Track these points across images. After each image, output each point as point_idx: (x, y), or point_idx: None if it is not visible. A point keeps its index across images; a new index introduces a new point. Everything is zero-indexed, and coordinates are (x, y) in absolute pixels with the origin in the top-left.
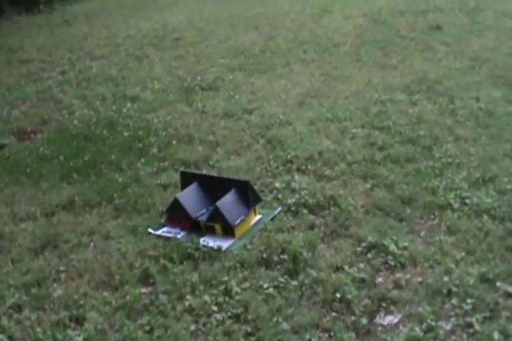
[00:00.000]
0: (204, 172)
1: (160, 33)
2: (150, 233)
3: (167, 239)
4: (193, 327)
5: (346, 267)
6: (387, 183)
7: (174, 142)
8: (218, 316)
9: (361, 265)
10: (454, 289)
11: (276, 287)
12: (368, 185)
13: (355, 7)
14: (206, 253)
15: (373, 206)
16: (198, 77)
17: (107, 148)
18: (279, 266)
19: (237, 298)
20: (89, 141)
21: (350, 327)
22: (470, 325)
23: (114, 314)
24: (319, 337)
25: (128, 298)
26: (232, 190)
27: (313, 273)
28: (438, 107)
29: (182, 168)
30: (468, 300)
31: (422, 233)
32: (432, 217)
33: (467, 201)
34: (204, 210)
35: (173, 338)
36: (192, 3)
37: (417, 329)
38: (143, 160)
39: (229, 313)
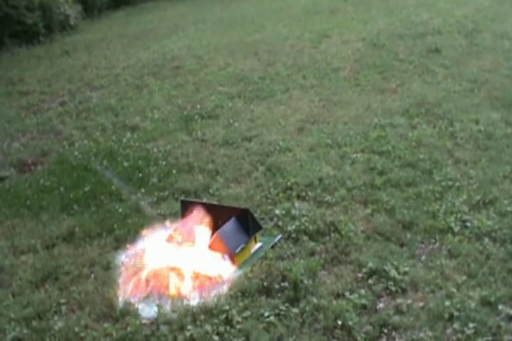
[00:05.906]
0: (204, 200)
1: (159, 61)
2: None
3: None
4: None
5: (347, 293)
6: (388, 208)
7: (174, 171)
8: None
9: (362, 291)
10: (456, 313)
11: (277, 315)
12: (368, 210)
13: (354, 31)
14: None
15: (374, 231)
16: (198, 106)
17: (106, 179)
18: (279, 294)
19: (238, 327)
20: (90, 172)
21: None
22: None
23: None
24: None
25: (129, 329)
26: (232, 218)
27: (314, 300)
28: (437, 130)
29: (182, 197)
30: (470, 325)
31: (423, 257)
32: (433, 241)
33: (468, 224)
34: None
35: None
36: (191, 31)
37: None
38: (143, 190)
39: None
